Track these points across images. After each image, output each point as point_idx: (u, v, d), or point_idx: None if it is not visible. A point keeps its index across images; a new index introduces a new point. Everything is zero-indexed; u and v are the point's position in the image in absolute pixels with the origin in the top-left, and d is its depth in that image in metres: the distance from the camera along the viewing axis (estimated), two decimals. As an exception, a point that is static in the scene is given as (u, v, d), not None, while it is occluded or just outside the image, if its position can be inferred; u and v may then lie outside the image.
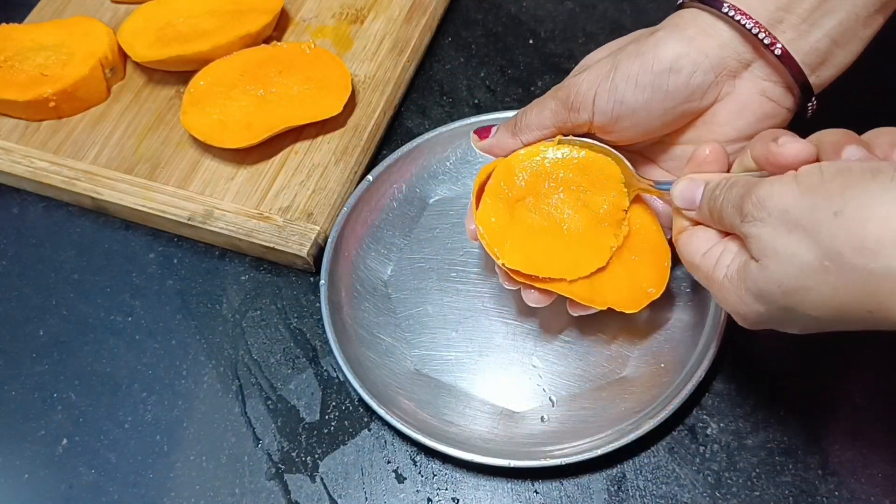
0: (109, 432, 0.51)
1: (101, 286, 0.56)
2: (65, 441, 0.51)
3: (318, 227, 0.54)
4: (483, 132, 0.48)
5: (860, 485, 0.45)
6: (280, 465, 0.48)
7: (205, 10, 0.63)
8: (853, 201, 0.31)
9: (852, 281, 0.31)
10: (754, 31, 0.40)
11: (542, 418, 0.48)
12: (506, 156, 0.47)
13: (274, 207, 0.56)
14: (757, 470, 0.46)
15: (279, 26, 0.64)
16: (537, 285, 0.45)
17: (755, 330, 0.38)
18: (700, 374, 0.46)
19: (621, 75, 0.42)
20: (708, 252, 0.39)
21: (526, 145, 0.46)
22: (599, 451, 0.44)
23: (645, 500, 0.46)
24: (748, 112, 0.43)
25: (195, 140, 0.58)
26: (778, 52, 0.41)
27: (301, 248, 0.53)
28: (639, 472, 0.47)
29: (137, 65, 0.63)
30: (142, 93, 0.62)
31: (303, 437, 0.49)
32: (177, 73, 0.62)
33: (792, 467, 0.46)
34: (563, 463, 0.44)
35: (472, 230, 0.47)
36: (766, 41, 0.41)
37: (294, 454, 0.49)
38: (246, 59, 0.60)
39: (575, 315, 0.47)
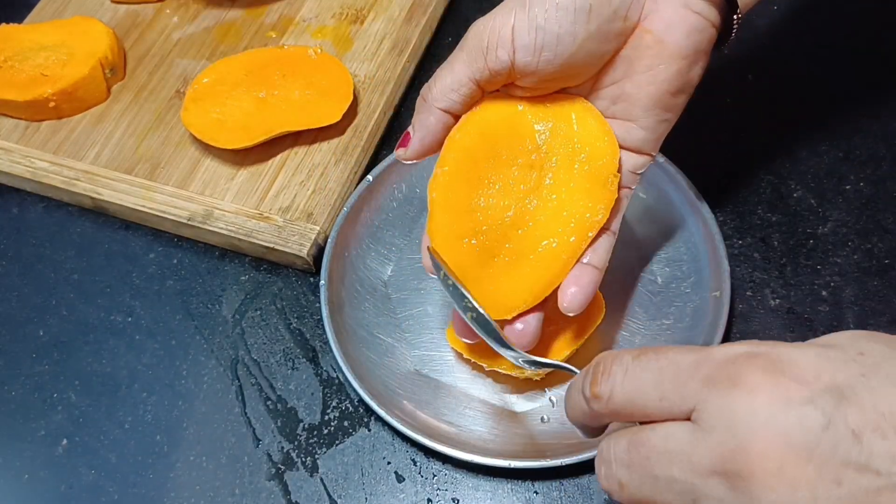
0: (109, 432, 0.51)
1: (101, 286, 0.56)
2: (65, 441, 0.51)
3: (318, 227, 0.54)
4: (404, 139, 0.44)
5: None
6: (280, 466, 0.48)
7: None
8: None
9: None
10: None
11: (542, 419, 0.48)
12: (436, 142, 0.43)
13: (274, 207, 0.56)
14: (757, 470, 0.46)
15: (279, 26, 0.64)
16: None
17: None
18: (700, 374, 0.45)
19: (538, 1, 0.39)
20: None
21: (448, 112, 0.42)
22: (599, 452, 0.44)
23: (645, 501, 0.46)
24: (675, 29, 0.40)
25: (195, 140, 0.58)
26: None
27: (301, 248, 0.53)
28: (639, 472, 0.47)
29: (137, 65, 0.63)
30: (142, 93, 0.62)
31: (303, 437, 0.49)
32: (177, 73, 0.63)
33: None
34: (563, 463, 0.44)
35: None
36: None
37: (294, 454, 0.49)
38: (251, 59, 0.60)
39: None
